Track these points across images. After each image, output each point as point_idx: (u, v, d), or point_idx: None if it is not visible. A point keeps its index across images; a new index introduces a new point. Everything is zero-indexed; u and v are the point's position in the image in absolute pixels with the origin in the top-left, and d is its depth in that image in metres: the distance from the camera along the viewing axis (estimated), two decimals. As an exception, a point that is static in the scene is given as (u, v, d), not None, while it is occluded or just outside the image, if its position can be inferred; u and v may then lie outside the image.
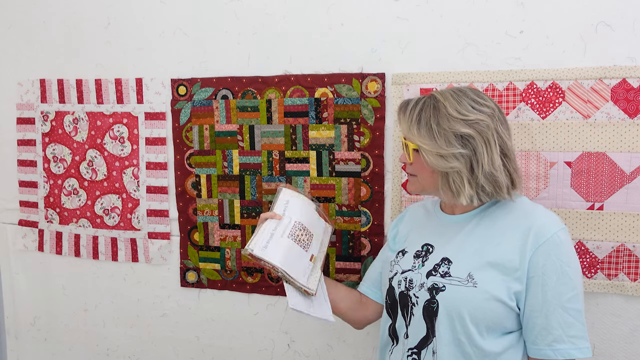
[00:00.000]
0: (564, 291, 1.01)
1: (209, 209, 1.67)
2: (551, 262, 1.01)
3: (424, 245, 1.18)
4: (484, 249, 1.08)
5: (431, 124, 1.06)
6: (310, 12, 1.49)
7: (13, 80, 1.83)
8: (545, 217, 1.07)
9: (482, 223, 1.12)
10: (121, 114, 1.72)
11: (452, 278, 1.07)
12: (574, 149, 1.32)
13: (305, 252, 1.23)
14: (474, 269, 1.06)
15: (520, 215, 1.08)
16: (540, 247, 1.02)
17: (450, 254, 1.11)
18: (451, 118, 1.06)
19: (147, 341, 1.82)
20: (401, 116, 1.12)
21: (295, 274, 1.18)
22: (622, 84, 1.27)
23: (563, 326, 1.00)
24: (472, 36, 1.36)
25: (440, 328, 1.07)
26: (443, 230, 1.17)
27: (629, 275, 1.33)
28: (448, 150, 1.05)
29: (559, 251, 1.02)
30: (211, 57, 1.60)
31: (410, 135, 1.10)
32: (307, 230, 1.27)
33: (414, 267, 1.15)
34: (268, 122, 1.57)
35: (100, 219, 1.79)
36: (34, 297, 1.94)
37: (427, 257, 1.15)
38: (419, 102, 1.10)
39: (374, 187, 1.51)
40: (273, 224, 1.23)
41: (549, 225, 1.04)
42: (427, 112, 1.08)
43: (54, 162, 1.82)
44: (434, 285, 1.09)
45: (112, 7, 1.68)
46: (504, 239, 1.06)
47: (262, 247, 1.18)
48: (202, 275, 1.71)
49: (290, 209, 1.28)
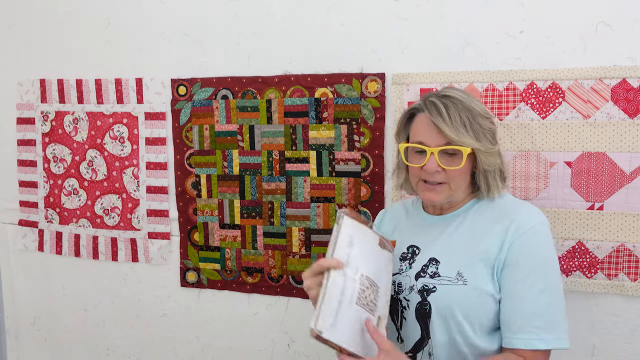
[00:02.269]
0: (535, 282, 1.00)
1: (209, 209, 1.67)
2: (526, 252, 1.01)
3: (409, 247, 1.15)
4: (470, 245, 1.07)
5: (475, 125, 1.04)
6: (310, 12, 1.49)
7: (13, 80, 1.83)
8: (526, 211, 1.07)
9: (467, 221, 1.11)
10: (121, 114, 1.72)
11: (441, 278, 1.06)
12: (574, 149, 1.32)
13: (372, 317, 1.02)
14: (462, 266, 1.05)
15: (503, 211, 1.08)
16: (519, 238, 1.02)
17: (437, 253, 1.10)
18: (482, 117, 1.06)
19: (147, 341, 1.82)
20: (441, 122, 1.04)
21: (362, 348, 0.98)
22: (622, 84, 1.27)
23: (529, 316, 0.99)
24: (472, 36, 1.36)
25: (434, 329, 1.05)
26: (427, 231, 1.15)
27: (629, 275, 1.33)
28: (494, 148, 1.07)
29: (536, 243, 1.02)
30: (211, 57, 1.60)
31: (461, 140, 1.03)
32: (374, 284, 1.04)
33: (402, 270, 1.13)
34: (268, 122, 1.57)
35: (100, 219, 1.79)
36: (34, 297, 1.94)
37: (414, 259, 1.13)
38: (449, 106, 1.05)
39: (374, 187, 1.51)
40: (338, 286, 0.98)
41: (529, 218, 1.04)
42: (464, 114, 1.04)
43: (54, 162, 1.82)
44: (424, 287, 1.07)
45: (112, 7, 1.68)
46: (488, 234, 1.06)
47: (330, 325, 0.95)
48: (202, 275, 1.71)
49: (354, 253, 1.04)
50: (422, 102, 1.09)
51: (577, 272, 1.36)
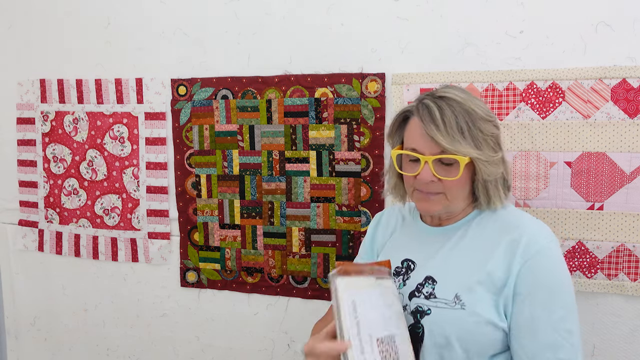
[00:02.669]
0: (554, 309, 0.91)
1: (209, 209, 1.67)
2: (540, 277, 0.93)
3: (404, 261, 1.06)
4: (471, 264, 0.98)
5: (475, 131, 0.95)
6: (310, 12, 1.49)
7: (13, 80, 1.83)
8: (534, 227, 0.98)
9: (468, 235, 1.02)
10: (121, 114, 1.72)
11: (437, 300, 0.97)
12: (574, 149, 1.32)
13: None
14: (461, 288, 0.96)
15: (507, 226, 0.99)
16: (529, 261, 0.93)
17: (434, 271, 1.01)
18: (483, 120, 0.97)
19: (147, 341, 1.82)
20: (433, 130, 0.95)
21: None
22: (622, 84, 1.27)
23: (552, 348, 0.90)
24: (472, 36, 1.36)
25: (426, 355, 0.97)
26: (424, 244, 1.07)
27: (629, 275, 1.33)
28: (496, 155, 0.98)
29: (549, 266, 0.94)
30: (211, 57, 1.60)
31: (457, 149, 0.94)
32: (391, 338, 0.94)
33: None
34: (268, 122, 1.57)
35: (100, 219, 1.79)
36: (34, 297, 1.94)
37: (409, 275, 1.04)
38: (444, 110, 0.95)
39: (374, 187, 1.51)
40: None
41: (538, 236, 0.96)
42: (463, 118, 0.95)
43: (54, 162, 1.82)
44: (417, 309, 0.98)
45: (112, 7, 1.68)
46: (492, 254, 0.97)
47: None
48: (202, 275, 1.71)
49: (362, 316, 0.91)
50: (415, 105, 1.01)
51: (577, 272, 1.36)
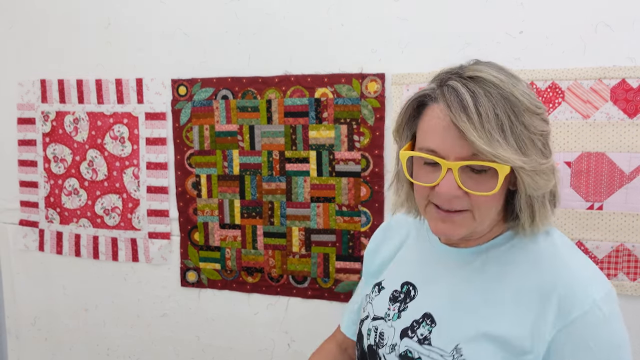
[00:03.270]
0: None
1: (209, 209, 1.67)
2: (587, 351, 0.68)
3: (404, 284, 0.87)
4: (483, 309, 0.75)
5: (519, 127, 0.68)
6: (310, 12, 1.49)
7: (13, 80, 1.83)
8: (580, 272, 0.72)
9: (490, 266, 0.78)
10: (121, 114, 1.72)
11: (432, 348, 0.77)
12: (574, 149, 1.32)
13: None
14: (463, 339, 0.75)
15: (542, 264, 0.74)
16: (570, 326, 0.68)
17: (435, 308, 0.80)
18: (530, 113, 0.70)
19: (147, 341, 1.82)
20: (466, 123, 0.67)
21: None
22: (621, 84, 1.27)
23: None
24: (472, 36, 1.36)
25: None
26: (432, 265, 0.86)
27: (629, 275, 1.33)
28: (547, 162, 0.71)
29: (602, 334, 0.68)
30: (211, 57, 1.61)
31: (497, 152, 0.67)
32: None
33: (387, 317, 0.86)
34: (268, 122, 1.57)
35: (101, 219, 1.79)
36: (34, 297, 1.94)
37: (406, 305, 0.84)
38: (477, 96, 0.68)
39: (374, 187, 1.51)
40: None
41: (586, 288, 0.70)
42: (503, 109, 0.68)
43: (55, 162, 1.82)
44: (407, 354, 0.79)
45: (112, 7, 1.68)
46: (517, 303, 0.73)
47: None
48: (203, 275, 1.71)
49: None
50: (437, 86, 0.74)
51: (577, 272, 1.36)
